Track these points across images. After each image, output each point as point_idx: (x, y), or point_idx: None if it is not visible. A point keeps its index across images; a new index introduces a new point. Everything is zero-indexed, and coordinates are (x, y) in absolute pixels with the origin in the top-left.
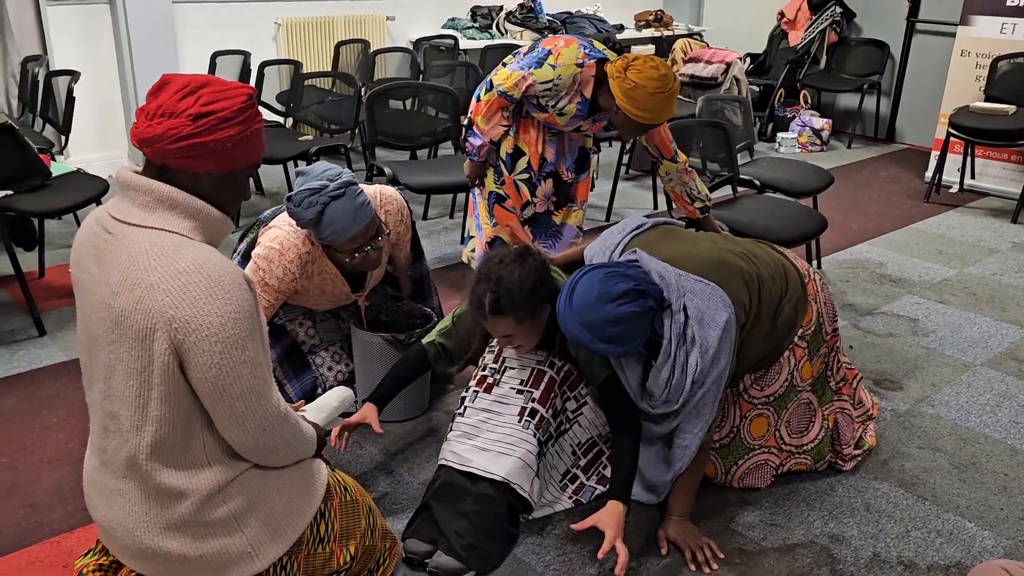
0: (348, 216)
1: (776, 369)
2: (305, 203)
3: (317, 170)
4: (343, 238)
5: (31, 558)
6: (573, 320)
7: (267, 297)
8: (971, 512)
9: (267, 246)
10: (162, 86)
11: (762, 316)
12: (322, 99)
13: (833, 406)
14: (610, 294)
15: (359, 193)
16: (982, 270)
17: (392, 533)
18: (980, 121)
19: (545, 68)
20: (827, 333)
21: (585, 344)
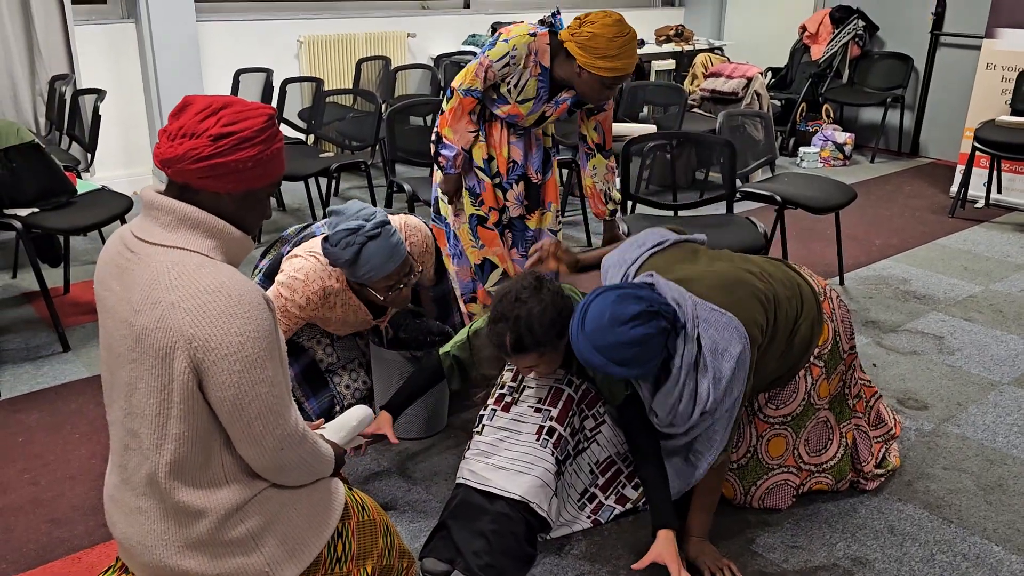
0: (384, 255)
1: (792, 388)
2: (343, 243)
3: (352, 209)
4: (378, 276)
5: (53, 573)
6: (586, 344)
7: (286, 322)
8: (998, 535)
9: (291, 275)
10: (184, 107)
11: (778, 336)
12: (343, 116)
13: (850, 424)
14: (622, 316)
15: (394, 232)
16: (1009, 287)
17: (409, 552)
18: (1006, 135)
19: (499, 46)
20: (844, 351)
21: (599, 368)
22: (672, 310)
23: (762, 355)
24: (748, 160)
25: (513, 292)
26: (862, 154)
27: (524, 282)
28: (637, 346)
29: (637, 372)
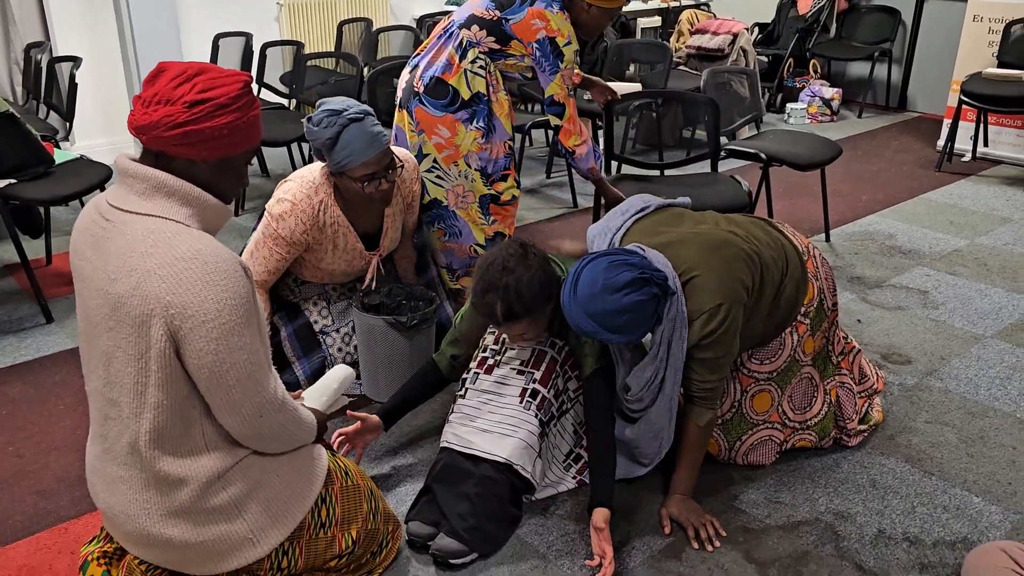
0: (364, 139)
1: (777, 344)
2: (324, 122)
3: (338, 99)
4: (357, 162)
5: (39, 545)
6: (579, 312)
7: (279, 251)
8: (978, 487)
9: (279, 199)
10: (158, 74)
11: (764, 297)
12: (325, 80)
13: (834, 380)
14: (615, 284)
15: (376, 123)
16: (994, 240)
17: (395, 516)
18: (993, 88)
19: (566, 51)
20: (828, 308)
21: (591, 335)
22: (663, 275)
23: (749, 316)
24: (734, 117)
25: (500, 261)
26: (849, 109)
27: (509, 250)
28: (629, 313)
29: (628, 339)
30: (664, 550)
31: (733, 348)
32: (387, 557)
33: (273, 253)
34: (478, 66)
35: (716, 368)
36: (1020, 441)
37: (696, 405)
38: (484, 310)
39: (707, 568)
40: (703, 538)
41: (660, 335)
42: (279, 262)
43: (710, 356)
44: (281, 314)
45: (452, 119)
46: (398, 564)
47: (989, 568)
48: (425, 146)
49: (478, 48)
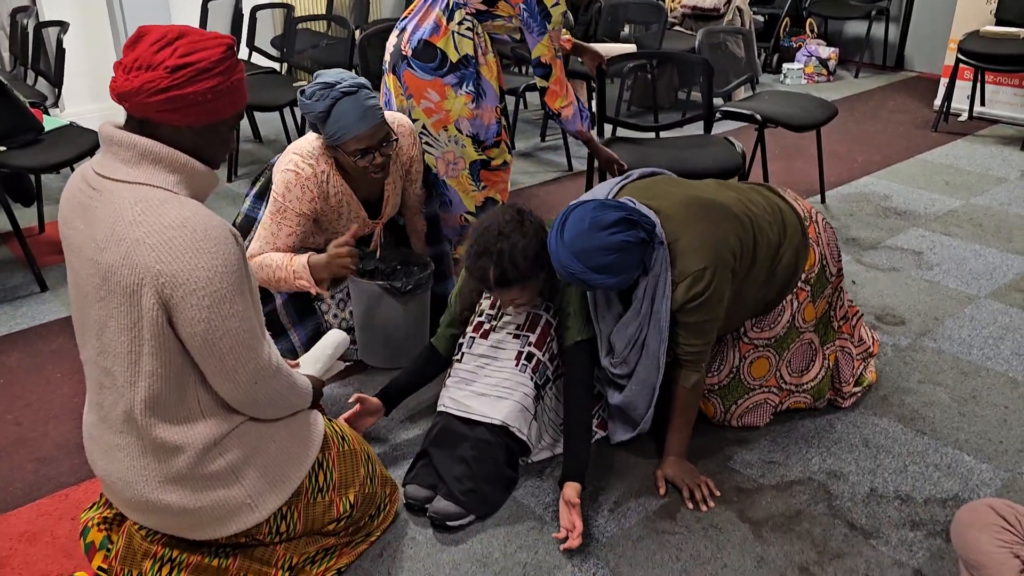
0: (357, 113)
1: (777, 312)
2: (317, 95)
3: (333, 71)
4: (350, 136)
5: (41, 511)
6: (565, 252)
7: (287, 225)
8: (970, 445)
9: (283, 171)
10: (138, 38)
11: (758, 262)
12: (316, 43)
13: (834, 345)
14: (602, 222)
15: (371, 96)
16: (989, 200)
17: (392, 480)
18: (990, 46)
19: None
20: (831, 274)
21: (576, 276)
22: (651, 222)
23: (743, 281)
24: (729, 78)
25: (496, 226)
26: (846, 69)
27: (506, 216)
28: (616, 252)
29: (614, 281)
30: (659, 511)
31: (719, 312)
32: (385, 520)
33: (281, 228)
34: (465, 28)
35: (702, 333)
36: (1012, 400)
37: (682, 368)
38: (477, 274)
39: (702, 528)
40: (698, 498)
41: (643, 291)
42: (289, 236)
43: (695, 320)
44: None
45: (441, 83)
46: (396, 527)
47: (977, 524)
48: (414, 111)
49: (465, 9)
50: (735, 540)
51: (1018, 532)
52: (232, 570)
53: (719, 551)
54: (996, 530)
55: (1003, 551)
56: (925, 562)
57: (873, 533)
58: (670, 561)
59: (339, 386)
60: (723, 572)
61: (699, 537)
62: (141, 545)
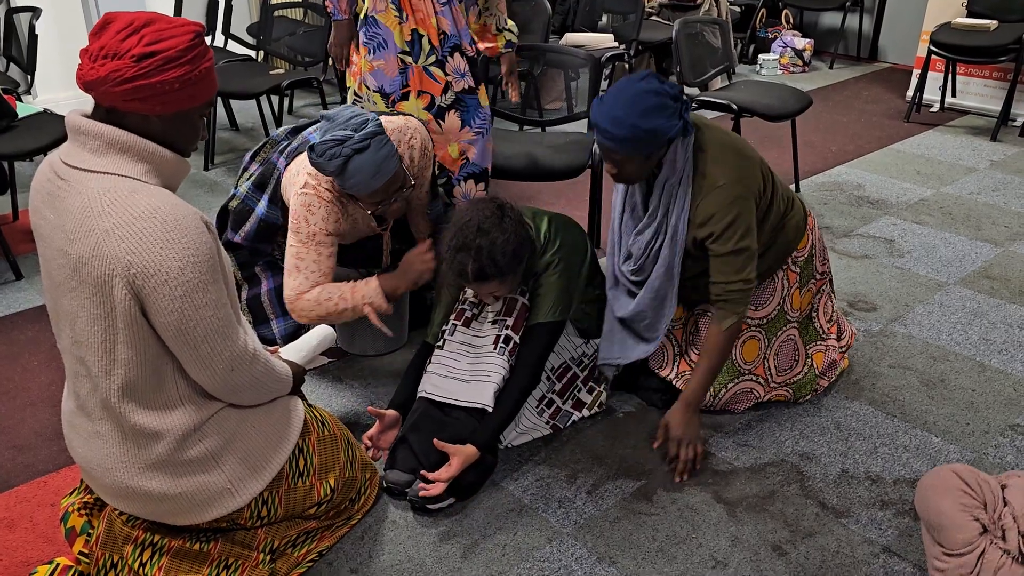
0: (371, 169)
1: (770, 290)
2: (327, 155)
3: (342, 117)
4: (365, 191)
5: (20, 497)
6: (611, 104)
7: (328, 248)
8: (938, 427)
9: (300, 194)
10: (104, 25)
11: (770, 217)
12: (293, 30)
13: (817, 345)
14: (635, 78)
15: (384, 143)
16: (959, 189)
17: (372, 465)
18: (962, 38)
19: None
20: (816, 270)
21: (628, 125)
22: (678, 84)
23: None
24: (706, 68)
25: (475, 221)
26: (821, 60)
27: (486, 211)
28: (658, 95)
29: (663, 124)
30: (636, 492)
31: (750, 242)
32: (365, 504)
33: (322, 253)
34: None
35: (738, 266)
36: (979, 384)
37: (720, 308)
38: (456, 268)
39: (677, 509)
40: (679, 468)
41: (659, 199)
42: (330, 259)
43: (728, 250)
44: (264, 266)
45: (359, 41)
46: (377, 510)
47: (940, 488)
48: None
49: None
50: (710, 520)
51: (978, 497)
52: (213, 554)
53: (694, 531)
54: (958, 494)
55: (964, 515)
56: (894, 540)
57: (844, 512)
58: (647, 541)
59: (317, 373)
60: (698, 551)
61: (675, 518)
62: (122, 530)
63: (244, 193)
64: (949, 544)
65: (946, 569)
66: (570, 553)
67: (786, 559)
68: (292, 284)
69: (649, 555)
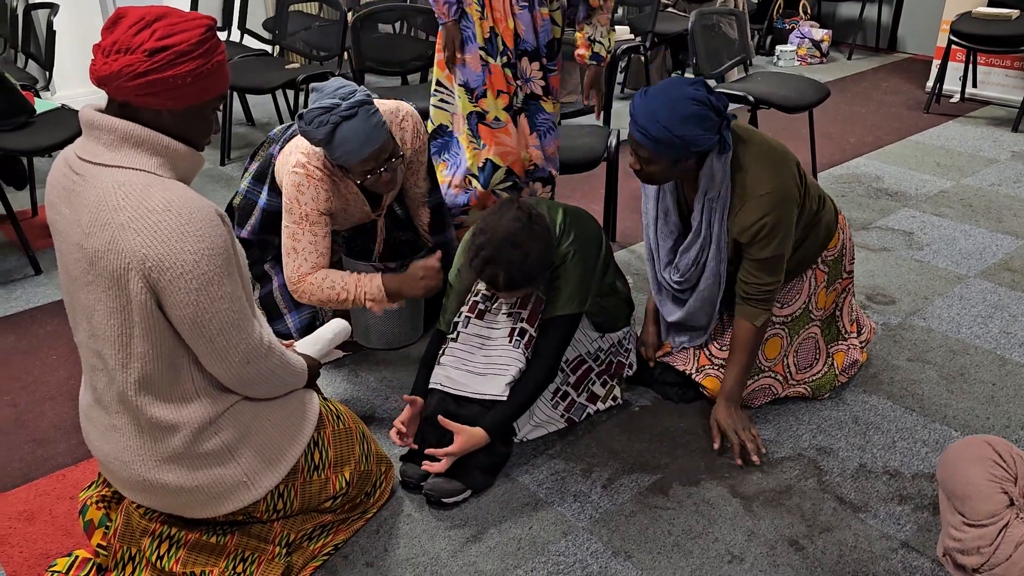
0: (360, 137)
1: (797, 288)
2: (316, 122)
3: (331, 87)
4: (354, 160)
5: (39, 491)
6: (651, 105)
7: (322, 227)
8: (957, 421)
9: (291, 173)
10: (117, 20)
11: (803, 219)
12: (308, 25)
13: (839, 345)
14: (685, 81)
15: (373, 113)
16: (980, 181)
17: (387, 458)
18: (983, 27)
19: None
20: (845, 270)
21: (663, 127)
22: (725, 100)
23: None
24: (722, 60)
25: (504, 233)
26: (839, 51)
27: (516, 222)
28: (700, 104)
29: (698, 135)
30: (651, 487)
31: (787, 246)
32: (381, 497)
33: (316, 234)
34: None
35: (773, 269)
36: (999, 377)
37: (751, 306)
38: (486, 278)
39: (693, 503)
40: (745, 454)
41: (701, 213)
42: (326, 239)
43: (765, 256)
44: (274, 263)
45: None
46: (392, 504)
47: (970, 456)
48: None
49: None
50: (726, 515)
51: (1010, 469)
52: (230, 547)
53: (710, 525)
54: (990, 464)
55: (993, 485)
56: (912, 535)
57: (862, 507)
58: (662, 535)
59: (333, 366)
60: (714, 546)
61: (691, 512)
62: (139, 523)
63: (246, 188)
64: (972, 514)
65: (963, 539)
66: (585, 547)
67: (803, 554)
68: (292, 265)
69: (665, 549)
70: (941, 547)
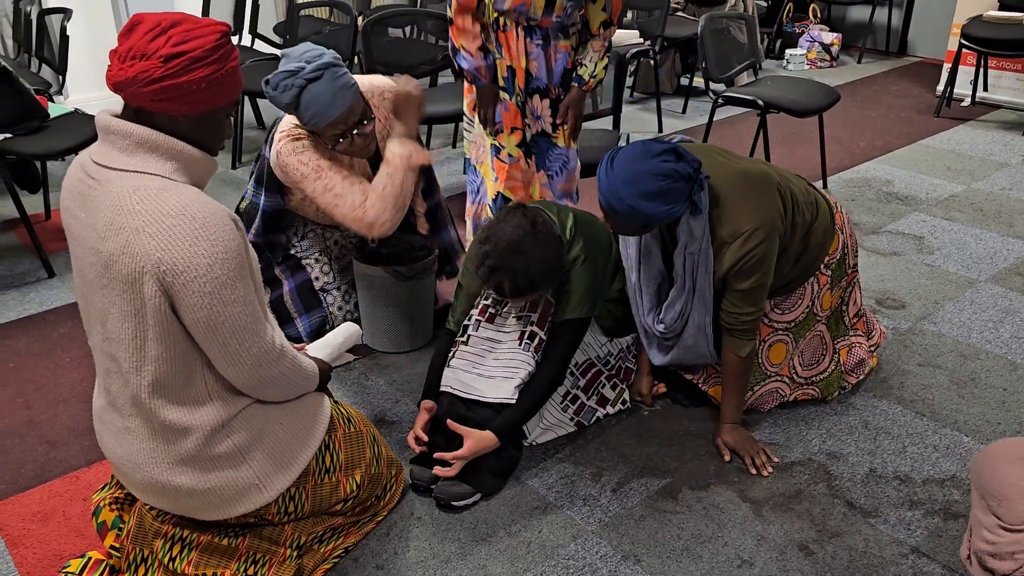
0: (325, 99)
1: (799, 294)
2: (281, 86)
3: (297, 52)
4: (323, 122)
5: (52, 492)
6: (616, 179)
7: (338, 168)
8: (968, 427)
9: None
10: (133, 26)
11: (796, 234)
12: (319, 29)
13: (846, 340)
14: (652, 151)
15: (341, 75)
16: (991, 185)
17: (397, 461)
18: (994, 31)
19: None
20: (849, 266)
21: (626, 203)
22: (697, 161)
23: (781, 253)
24: (732, 64)
25: (508, 240)
26: (849, 55)
27: (521, 229)
28: (666, 179)
29: (663, 210)
30: (660, 491)
31: (769, 277)
32: (391, 500)
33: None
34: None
35: (755, 299)
36: (1010, 383)
37: (736, 337)
38: (491, 285)
39: (703, 507)
40: (759, 464)
41: (683, 265)
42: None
43: (747, 286)
44: (284, 268)
45: None
46: (402, 507)
47: (1010, 457)
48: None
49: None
50: (736, 519)
51: None
52: (241, 549)
53: (720, 530)
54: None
55: None
56: (923, 540)
57: (872, 512)
58: (672, 540)
59: (344, 370)
60: (724, 550)
61: (700, 516)
62: (152, 525)
63: (249, 193)
64: (1009, 517)
65: (997, 543)
66: (595, 551)
67: (813, 559)
68: (347, 207)
69: (674, 554)
70: (966, 548)
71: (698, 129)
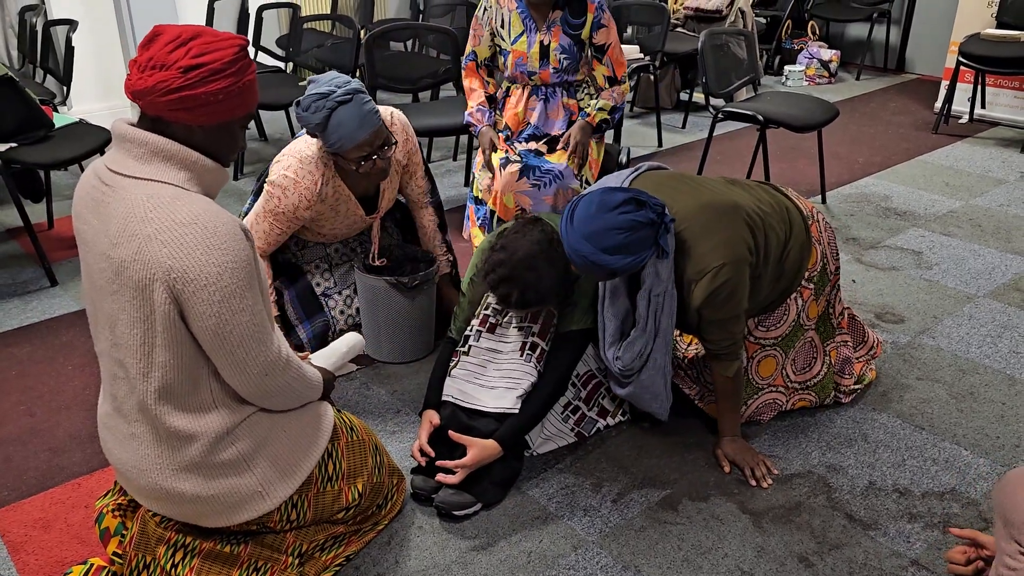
0: (355, 121)
1: (783, 311)
2: (312, 107)
3: (326, 77)
4: (350, 144)
5: (54, 499)
6: (575, 235)
7: (279, 226)
8: (967, 440)
9: (281, 174)
10: (153, 38)
11: (770, 260)
12: (322, 42)
13: (834, 341)
14: (610, 203)
15: (367, 101)
16: (989, 201)
17: (399, 470)
18: (991, 49)
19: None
20: (831, 272)
21: (588, 259)
22: (660, 203)
23: (755, 280)
24: (731, 79)
25: (524, 252)
26: (848, 71)
27: (536, 245)
28: (627, 231)
29: (628, 262)
30: (661, 502)
31: (742, 306)
32: (392, 509)
33: (273, 228)
34: None
35: (729, 330)
36: (1009, 397)
37: (721, 360)
38: (500, 295)
39: (703, 519)
40: (759, 476)
41: (646, 308)
42: (279, 236)
43: (720, 318)
44: (283, 279)
45: None
46: (403, 516)
47: None
48: None
49: None
50: (736, 531)
51: None
52: (243, 556)
53: (720, 541)
54: None
55: None
56: (922, 553)
57: (871, 525)
58: (672, 551)
59: (345, 380)
60: (724, 561)
61: (700, 528)
62: (155, 531)
63: (250, 205)
64: None
65: (1019, 569)
66: (595, 561)
67: (813, 571)
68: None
69: (674, 564)
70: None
71: (698, 144)
